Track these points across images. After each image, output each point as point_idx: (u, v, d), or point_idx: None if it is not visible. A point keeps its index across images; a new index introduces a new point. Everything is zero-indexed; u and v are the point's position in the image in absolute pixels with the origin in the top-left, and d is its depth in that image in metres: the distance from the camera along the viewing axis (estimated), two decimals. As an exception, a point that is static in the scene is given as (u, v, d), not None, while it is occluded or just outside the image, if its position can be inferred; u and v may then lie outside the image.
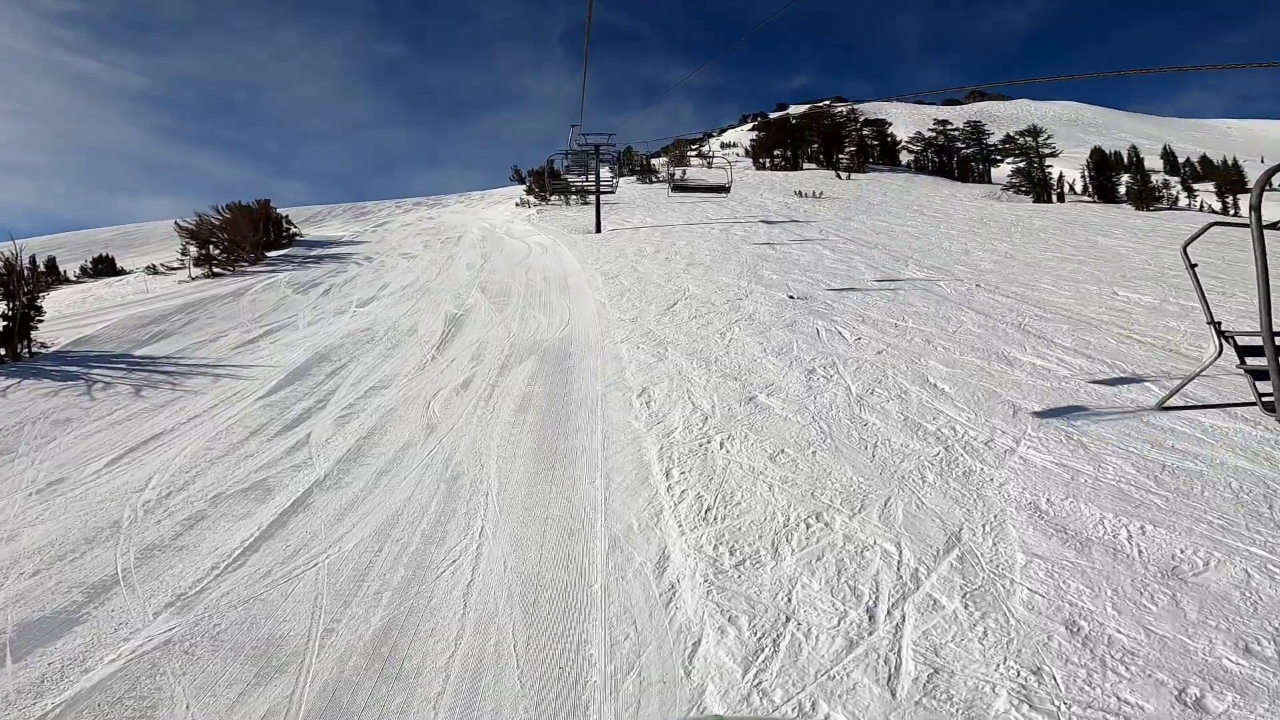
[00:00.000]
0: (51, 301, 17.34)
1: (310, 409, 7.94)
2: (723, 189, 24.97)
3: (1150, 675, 3.17)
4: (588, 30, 7.85)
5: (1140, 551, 4.12)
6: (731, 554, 4.50)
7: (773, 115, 78.55)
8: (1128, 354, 7.91)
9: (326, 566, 4.81)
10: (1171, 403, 6.20)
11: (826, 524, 4.74)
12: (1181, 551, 4.08)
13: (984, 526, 4.54)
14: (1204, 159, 50.60)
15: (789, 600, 4.00)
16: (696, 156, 50.26)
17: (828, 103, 79.83)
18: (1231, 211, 31.62)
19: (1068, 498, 4.81)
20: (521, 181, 46.04)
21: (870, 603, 3.90)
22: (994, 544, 4.33)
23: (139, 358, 10.47)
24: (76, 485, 6.26)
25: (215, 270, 20.09)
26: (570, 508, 5.43)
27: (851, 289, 12.05)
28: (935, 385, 7.12)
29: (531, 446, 6.62)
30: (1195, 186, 35.81)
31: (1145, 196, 29.15)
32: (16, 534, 5.40)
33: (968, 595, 3.86)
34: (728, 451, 5.96)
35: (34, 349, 11.17)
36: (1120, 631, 3.47)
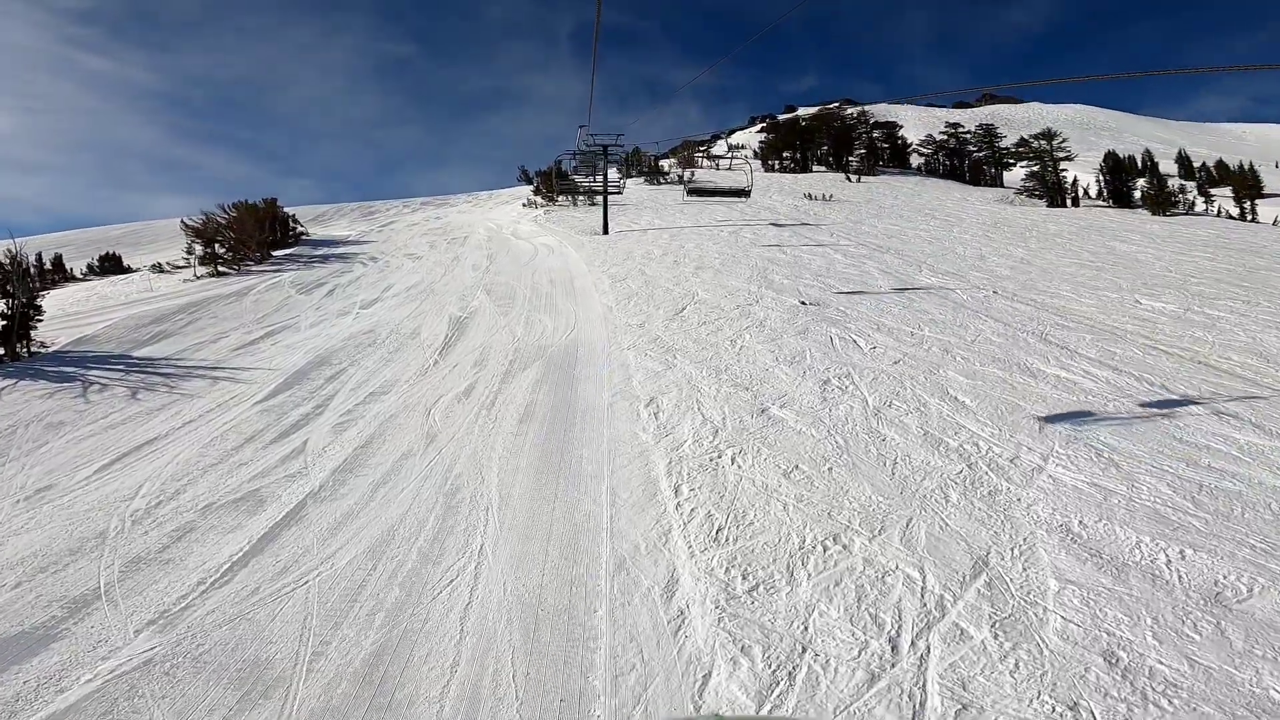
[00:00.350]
0: (55, 300, 17.26)
1: (308, 415, 7.72)
2: (743, 193, 23.37)
3: (1195, 709, 2.98)
4: (596, 30, 7.65)
5: (1180, 577, 3.90)
6: (744, 578, 4.25)
7: (781, 117, 78.16)
8: (1155, 366, 7.62)
9: (317, 584, 4.58)
10: None
11: (845, 547, 4.48)
12: (1224, 577, 3.87)
13: (1013, 550, 4.29)
14: (1220, 163, 49.93)
15: (806, 629, 3.76)
16: (705, 158, 49.97)
17: (837, 104, 79.43)
18: (1249, 217, 31.10)
19: (1101, 519, 4.56)
20: (529, 182, 45.86)
21: (893, 632, 3.66)
22: (1024, 569, 4.09)
23: (138, 359, 10.30)
24: (65, 492, 6.07)
25: (220, 269, 19.98)
26: (574, 525, 5.17)
27: (865, 295, 11.78)
28: (956, 398, 6.85)
29: (534, 459, 6.37)
30: (1212, 191, 35.30)
31: (1162, 201, 28.68)
32: (0, 543, 5.20)
33: (997, 624, 3.63)
34: (739, 467, 5.70)
35: (33, 349, 11.03)
36: (1162, 662, 3.27)
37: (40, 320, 11.76)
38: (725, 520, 4.92)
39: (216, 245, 21.19)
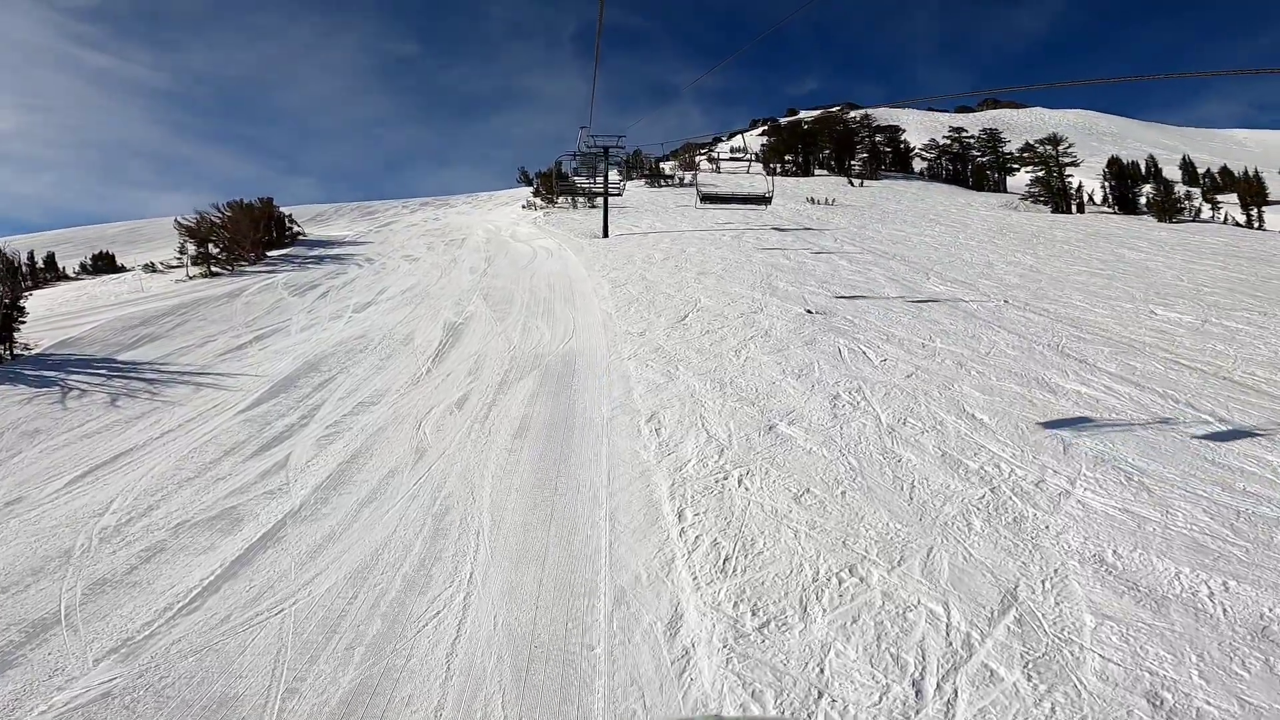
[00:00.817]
0: (44, 299, 16.97)
1: (292, 426, 7.39)
2: (763, 200, 21.24)
3: (1247, 753, 2.78)
4: (599, 31, 7.36)
5: (1225, 611, 3.68)
6: (754, 614, 3.94)
7: (783, 120, 77.97)
8: (1179, 381, 7.30)
9: (293, 614, 4.27)
10: None
11: (862, 579, 4.17)
12: (1271, 609, 3.66)
13: (1044, 582, 4.03)
14: (1224, 169, 49.69)
15: (821, 671, 3.48)
16: (706, 160, 49.62)
17: (839, 108, 79.19)
18: (1256, 225, 30.79)
19: (1136, 549, 4.30)
20: (529, 183, 45.59)
21: (916, 674, 3.40)
22: (1057, 603, 3.84)
23: (121, 363, 9.97)
24: (33, 506, 5.77)
25: (214, 270, 19.68)
26: (571, 552, 4.83)
27: (872, 304, 11.45)
28: (973, 415, 6.52)
29: (529, 478, 6.03)
30: (1218, 198, 34.99)
31: (1168, 208, 28.38)
32: (-41, 563, 4.89)
33: (1030, 664, 3.39)
34: (747, 489, 5.37)
35: (15, 351, 10.70)
36: (1210, 703, 3.05)
37: (24, 321, 11.44)
38: (733, 549, 4.59)
39: (210, 245, 20.90)
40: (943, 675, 3.36)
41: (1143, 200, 32.98)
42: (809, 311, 10.71)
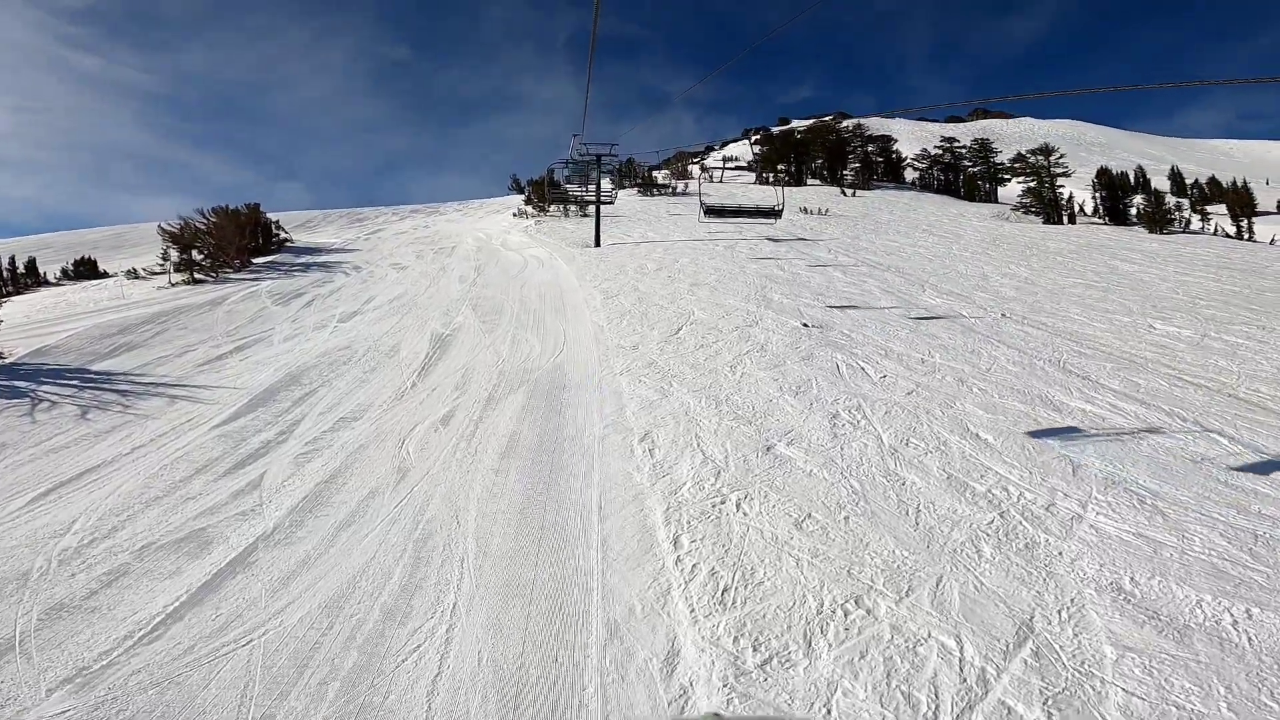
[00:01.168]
0: (22, 305, 16.60)
1: (269, 442, 7.06)
2: (772, 213, 18.59)
3: (1280, 790, 2.60)
4: (593, 37, 7.17)
5: (1250, 640, 3.54)
6: (755, 649, 3.70)
7: (775, 129, 78.15)
8: (1184, 399, 7.14)
9: (263, 645, 4.01)
10: None
11: (868, 611, 3.94)
12: None
13: (1060, 613, 3.84)
14: (1212, 180, 50.15)
15: (828, 711, 3.28)
16: (700, 169, 49.61)
17: (831, 117, 79.50)
18: (1246, 236, 30.92)
19: (1154, 575, 4.12)
20: (520, 191, 45.35)
21: (929, 714, 3.20)
22: (1075, 634, 3.66)
23: (95, 373, 9.63)
24: (-8, 527, 5.44)
25: (197, 276, 19.29)
26: (561, 581, 4.56)
27: (869, 317, 11.26)
28: (977, 435, 6.31)
29: (517, 500, 5.73)
30: (1207, 209, 35.08)
31: (1159, 219, 28.44)
32: (-90, 588, 4.60)
33: (1050, 701, 3.21)
34: (745, 515, 5.11)
35: (-13, 360, 10.33)
36: None
37: (-4, 329, 11.09)
38: (732, 579, 4.34)
39: (194, 251, 20.51)
40: (958, 714, 3.18)
41: (1133, 211, 33.09)
42: (805, 325, 10.51)
